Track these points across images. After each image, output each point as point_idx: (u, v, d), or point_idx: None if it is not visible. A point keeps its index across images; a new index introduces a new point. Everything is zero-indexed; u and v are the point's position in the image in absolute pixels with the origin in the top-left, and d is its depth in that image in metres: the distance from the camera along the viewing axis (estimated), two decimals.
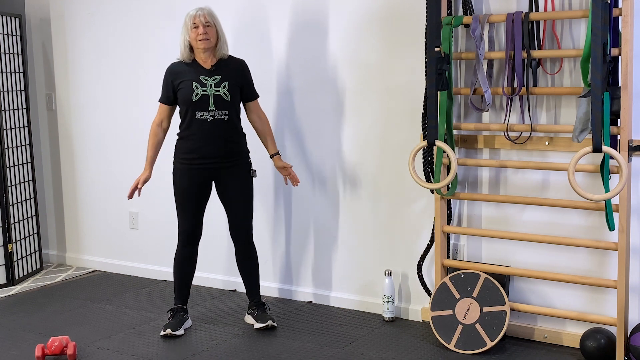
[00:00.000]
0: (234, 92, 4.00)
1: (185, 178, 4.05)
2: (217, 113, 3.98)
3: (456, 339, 3.76)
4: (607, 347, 3.53)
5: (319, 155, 4.48)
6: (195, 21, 3.93)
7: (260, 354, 3.79)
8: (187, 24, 3.97)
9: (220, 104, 3.97)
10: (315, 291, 4.57)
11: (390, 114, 4.20)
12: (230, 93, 3.98)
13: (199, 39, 3.93)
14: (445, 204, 3.99)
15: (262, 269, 4.30)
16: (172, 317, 4.13)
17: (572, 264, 3.75)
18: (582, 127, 3.44)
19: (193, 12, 3.96)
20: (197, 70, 3.99)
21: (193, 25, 3.94)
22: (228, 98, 3.97)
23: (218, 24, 4.00)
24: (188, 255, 4.15)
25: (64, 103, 5.52)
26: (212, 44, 3.97)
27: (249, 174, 4.11)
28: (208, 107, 3.97)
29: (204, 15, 3.94)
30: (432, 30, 3.74)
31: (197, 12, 3.95)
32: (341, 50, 4.32)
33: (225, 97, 3.97)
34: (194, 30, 3.94)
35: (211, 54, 4.00)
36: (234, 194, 4.08)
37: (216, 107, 3.97)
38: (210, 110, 3.97)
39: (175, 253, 4.16)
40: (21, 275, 5.24)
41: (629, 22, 3.34)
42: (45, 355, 3.73)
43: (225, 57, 4.05)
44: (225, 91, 3.96)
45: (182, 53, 4.01)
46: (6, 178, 5.09)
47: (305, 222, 4.58)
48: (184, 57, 4.02)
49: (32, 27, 5.57)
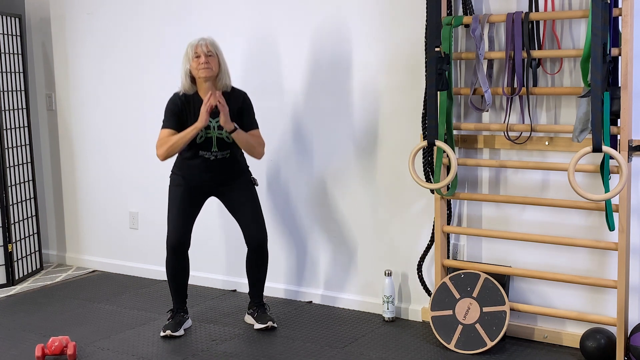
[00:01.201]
0: None
1: (181, 192, 4.05)
2: (219, 153, 3.99)
3: (456, 339, 3.76)
4: (607, 347, 3.52)
5: (319, 155, 4.48)
6: (197, 50, 3.89)
7: (260, 354, 3.79)
8: (188, 54, 3.92)
9: (222, 145, 3.97)
10: (315, 291, 4.57)
11: (390, 114, 4.20)
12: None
13: (200, 67, 3.88)
14: (445, 204, 3.99)
15: None
16: (172, 318, 4.13)
17: (572, 264, 3.75)
18: (582, 127, 3.44)
19: (195, 42, 3.92)
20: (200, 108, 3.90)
21: (195, 55, 3.89)
22: (230, 140, 3.96)
23: (220, 54, 3.96)
24: (178, 264, 4.09)
25: (64, 103, 5.52)
26: (213, 74, 3.92)
27: (251, 182, 4.12)
28: (211, 149, 3.97)
29: (206, 44, 3.90)
30: (432, 30, 3.74)
31: (199, 41, 3.91)
32: (341, 50, 4.32)
33: (228, 140, 3.95)
34: (196, 60, 3.89)
35: (212, 85, 3.96)
36: (241, 201, 4.08)
37: (219, 148, 3.98)
38: (213, 151, 3.98)
39: (165, 261, 4.11)
40: (21, 275, 5.24)
41: (629, 22, 3.34)
42: (45, 355, 3.73)
43: (228, 90, 4.00)
44: (227, 134, 3.94)
45: (184, 84, 3.95)
46: (6, 178, 5.09)
47: (305, 222, 4.58)
48: (185, 88, 3.96)
49: (32, 27, 5.57)
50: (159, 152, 3.94)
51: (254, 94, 4.17)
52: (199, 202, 4.11)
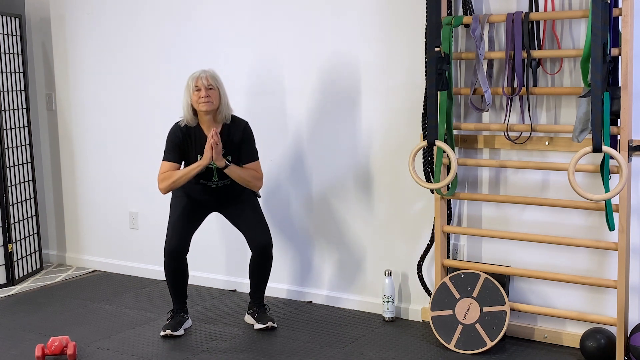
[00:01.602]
0: (237, 164, 4.01)
1: (185, 202, 4.08)
2: (220, 182, 4.03)
3: (456, 339, 3.76)
4: (607, 347, 3.52)
5: (319, 155, 4.48)
6: (197, 84, 3.90)
7: (260, 354, 3.79)
8: (189, 87, 3.93)
9: (223, 175, 3.99)
10: (315, 291, 4.57)
11: (390, 114, 4.20)
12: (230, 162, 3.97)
13: (200, 101, 3.89)
14: (445, 204, 3.99)
15: None
16: (172, 318, 4.13)
17: (572, 264, 3.75)
18: (582, 127, 3.44)
19: (196, 74, 3.93)
20: (202, 142, 3.94)
21: (195, 88, 3.91)
22: None
23: (221, 86, 3.97)
24: (176, 268, 4.09)
25: (64, 103, 5.52)
26: (214, 107, 3.93)
27: (253, 194, 4.14)
28: (212, 178, 4.01)
29: (207, 77, 3.91)
30: (432, 30, 3.74)
31: (200, 74, 3.92)
32: (341, 50, 4.32)
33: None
34: (196, 93, 3.90)
35: (213, 117, 3.97)
36: (243, 208, 4.10)
37: (219, 177, 4.01)
38: (214, 181, 4.02)
39: (164, 264, 4.10)
40: (21, 275, 5.24)
41: (629, 22, 3.34)
42: (45, 355, 3.73)
43: (228, 122, 4.01)
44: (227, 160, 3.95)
45: (186, 116, 3.98)
46: (6, 178, 5.09)
47: (305, 222, 4.58)
48: (188, 120, 3.97)
49: (32, 27, 5.57)
50: (161, 186, 3.97)
51: (253, 94, 4.18)
52: (200, 215, 4.15)
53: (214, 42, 4.74)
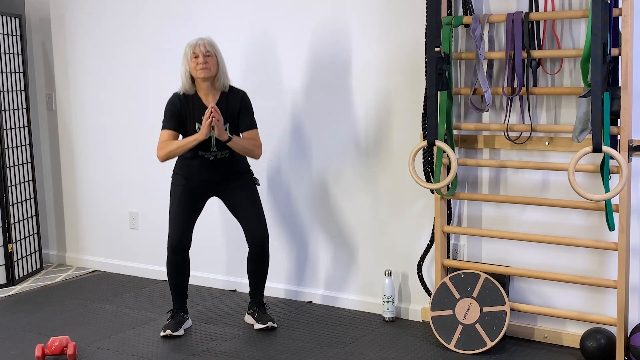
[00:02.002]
0: (235, 133, 4.00)
1: (182, 191, 4.05)
2: (219, 153, 3.99)
3: (456, 339, 3.76)
4: (607, 347, 3.52)
5: (319, 155, 4.48)
6: (195, 51, 3.90)
7: (260, 354, 3.79)
8: (187, 54, 3.93)
9: (221, 146, 3.97)
10: (315, 291, 4.57)
11: (390, 114, 4.20)
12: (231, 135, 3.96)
13: (198, 68, 3.89)
14: (445, 204, 3.99)
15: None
16: (172, 318, 4.13)
17: (572, 264, 3.75)
18: (582, 127, 3.44)
19: (193, 42, 3.93)
20: (200, 110, 3.94)
21: (193, 55, 3.90)
22: None
23: (219, 53, 3.97)
24: (179, 263, 4.10)
25: (64, 103, 5.52)
26: (212, 74, 3.93)
27: (252, 182, 4.12)
28: (210, 149, 3.97)
29: (204, 44, 3.91)
30: (432, 30, 3.74)
31: (197, 41, 3.92)
32: (341, 50, 4.32)
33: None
34: (194, 60, 3.90)
35: (211, 85, 3.97)
36: (242, 201, 4.08)
37: (218, 148, 3.98)
38: (212, 151, 3.98)
39: (166, 260, 4.11)
40: (21, 275, 5.24)
41: (629, 22, 3.34)
42: (45, 355, 3.73)
43: (227, 90, 4.01)
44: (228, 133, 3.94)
45: (184, 84, 3.97)
46: (6, 178, 5.09)
47: (305, 222, 4.58)
48: (186, 88, 3.97)
49: (32, 27, 5.57)
50: (159, 154, 3.97)
51: (253, 93, 4.17)
52: (200, 202, 4.12)
53: None
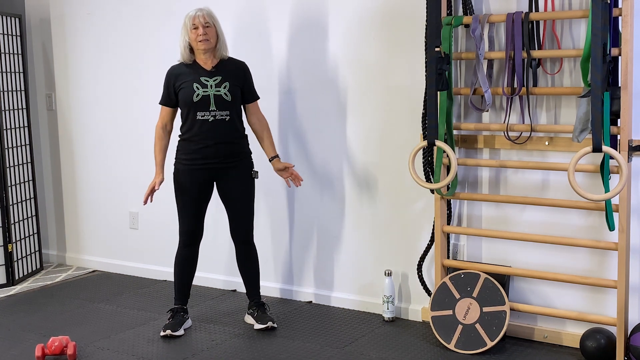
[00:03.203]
0: (234, 93, 4.01)
1: (187, 179, 4.05)
2: (218, 113, 3.98)
3: (456, 339, 3.76)
4: (607, 347, 3.53)
5: (319, 155, 4.48)
6: (194, 22, 3.94)
7: (260, 354, 3.79)
8: (186, 25, 3.97)
9: (221, 104, 3.97)
10: (315, 291, 4.57)
11: (391, 114, 4.21)
12: (231, 93, 3.98)
13: (198, 39, 3.93)
14: (445, 204, 3.99)
15: (262, 269, 4.30)
16: (172, 318, 4.13)
17: (572, 264, 3.75)
18: (582, 127, 3.44)
19: (192, 13, 3.96)
20: (198, 72, 3.99)
21: (192, 26, 3.94)
22: (229, 98, 3.98)
23: (217, 24, 4.01)
24: (189, 255, 4.15)
25: (64, 103, 5.52)
26: (211, 45, 3.97)
27: (251, 175, 4.11)
28: (209, 108, 3.97)
29: (204, 15, 3.94)
30: (432, 30, 3.74)
31: (196, 12, 3.95)
32: (341, 50, 4.32)
33: (226, 97, 3.97)
34: (194, 31, 3.94)
35: (211, 55, 4.01)
36: (235, 194, 4.09)
37: (217, 107, 3.97)
38: (212, 111, 3.97)
39: (176, 253, 4.15)
40: (21, 275, 5.24)
41: (629, 22, 3.34)
42: (45, 355, 3.73)
43: (226, 59, 4.06)
44: (225, 91, 3.97)
45: (182, 54, 4.02)
46: (6, 178, 5.09)
47: (305, 222, 4.58)
48: (184, 59, 4.03)
49: (32, 27, 5.57)
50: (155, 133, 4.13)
51: None
52: (205, 189, 4.10)
53: None
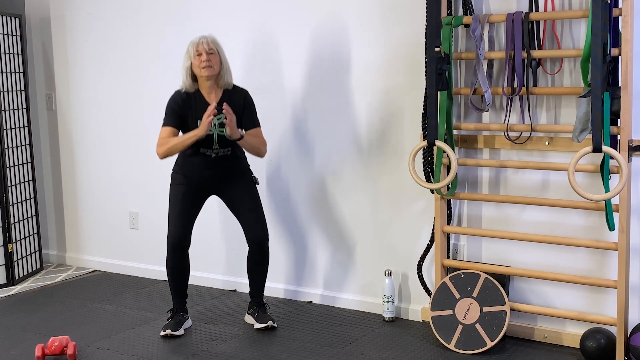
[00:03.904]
0: None
1: (182, 190, 4.04)
2: (221, 150, 3.99)
3: (456, 339, 3.76)
4: (607, 347, 3.53)
5: (319, 155, 4.48)
6: (198, 48, 3.89)
7: (260, 354, 3.79)
8: (189, 51, 3.91)
9: (223, 143, 3.96)
10: (315, 291, 4.57)
11: (390, 114, 4.20)
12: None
13: (202, 66, 3.87)
14: (445, 204, 3.99)
15: None
16: (172, 318, 4.13)
17: (572, 264, 3.75)
18: (582, 127, 3.44)
19: (196, 40, 3.91)
20: (202, 107, 3.92)
21: (196, 53, 3.89)
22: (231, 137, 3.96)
23: (221, 51, 3.96)
24: (178, 262, 4.09)
25: (64, 103, 5.52)
26: (215, 72, 3.91)
27: (252, 181, 4.11)
28: (212, 146, 3.96)
29: (207, 42, 3.90)
30: (432, 30, 3.74)
31: (200, 39, 3.91)
32: (341, 50, 4.32)
33: (229, 137, 3.93)
34: (197, 58, 3.88)
35: (214, 83, 3.96)
36: (242, 201, 4.08)
37: (220, 145, 3.97)
38: (214, 149, 3.97)
39: (166, 258, 4.10)
40: (21, 275, 5.24)
41: (629, 22, 3.34)
42: (45, 355, 3.73)
43: (230, 88, 4.00)
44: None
45: (185, 82, 3.95)
46: (6, 178, 5.09)
47: (305, 222, 4.58)
48: (186, 86, 3.95)
49: (32, 27, 5.57)
50: (158, 150, 3.96)
51: (254, 93, 4.17)
52: (199, 200, 4.11)
53: None
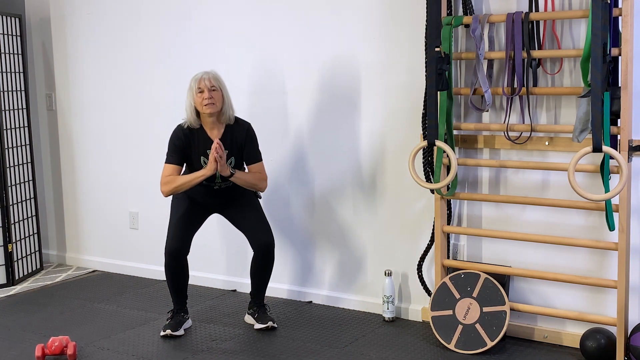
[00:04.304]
0: (239, 166, 4.04)
1: (185, 203, 4.07)
2: (223, 184, 4.03)
3: (456, 339, 3.76)
4: (607, 347, 3.53)
5: (319, 155, 4.48)
6: (200, 85, 3.90)
7: (260, 354, 3.79)
8: (192, 88, 3.93)
9: (225, 178, 3.97)
10: (315, 291, 4.57)
11: (390, 114, 4.20)
12: (237, 167, 4.01)
13: (204, 103, 3.89)
14: (445, 204, 3.99)
15: None
16: (172, 318, 4.13)
17: (572, 264, 3.75)
18: (582, 127, 3.44)
19: (199, 76, 3.92)
20: (205, 143, 3.95)
21: (198, 90, 3.90)
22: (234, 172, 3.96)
23: (224, 87, 3.97)
24: (177, 268, 4.07)
25: (64, 103, 5.52)
26: (217, 109, 3.92)
27: (254, 194, 4.14)
28: (214, 180, 3.99)
29: (209, 79, 3.91)
30: (432, 30, 3.74)
31: (202, 76, 3.92)
32: (341, 50, 4.32)
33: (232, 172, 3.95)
34: (199, 95, 3.90)
35: (217, 119, 3.97)
36: (244, 212, 4.10)
37: (222, 180, 4.00)
38: (217, 182, 4.01)
39: (164, 263, 4.08)
40: (21, 275, 5.24)
41: (629, 22, 3.34)
42: (45, 355, 3.73)
43: (232, 122, 4.01)
44: (231, 168, 3.94)
45: (189, 118, 3.97)
46: (6, 178, 5.09)
47: (305, 222, 4.58)
48: (191, 122, 3.97)
49: (32, 27, 5.57)
50: (163, 189, 3.97)
51: (253, 94, 4.18)
52: (201, 217, 4.14)
53: (214, 42, 4.74)
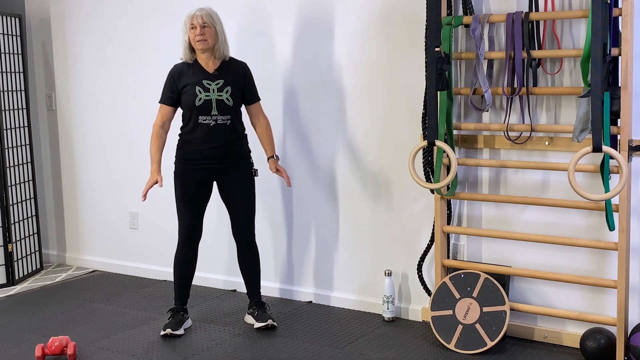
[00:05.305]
0: (236, 97, 4.01)
1: (187, 178, 4.06)
2: (220, 118, 3.99)
3: (456, 339, 3.76)
4: (607, 347, 3.53)
5: (319, 155, 4.48)
6: (193, 22, 3.94)
7: (260, 354, 3.79)
8: (185, 24, 3.98)
9: (222, 109, 3.98)
10: (315, 291, 4.57)
11: (391, 114, 4.21)
12: (233, 98, 3.99)
13: (196, 39, 3.93)
14: (445, 204, 3.99)
15: (262, 269, 4.30)
16: (172, 317, 4.13)
17: (572, 264, 3.75)
18: (582, 127, 3.44)
19: (192, 12, 3.97)
20: (200, 74, 3.99)
21: (191, 26, 3.95)
22: (230, 103, 3.97)
23: (218, 24, 3.99)
24: (188, 256, 4.14)
25: (64, 103, 5.52)
26: (209, 45, 3.96)
27: (251, 174, 4.11)
28: (211, 112, 3.97)
29: (202, 16, 3.94)
30: (432, 30, 3.74)
31: (195, 12, 3.95)
32: (342, 51, 4.32)
33: (228, 102, 3.97)
34: (192, 31, 3.95)
35: (211, 55, 4.00)
36: (236, 194, 4.09)
37: (219, 112, 3.98)
38: (213, 115, 3.98)
39: (175, 253, 4.15)
40: (21, 275, 5.24)
41: (629, 22, 3.34)
42: (45, 355, 3.73)
43: (227, 59, 4.05)
44: (227, 96, 3.96)
45: (184, 53, 4.03)
46: (6, 178, 5.09)
47: (305, 222, 4.58)
48: (186, 58, 4.03)
49: (32, 27, 5.57)
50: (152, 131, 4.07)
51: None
52: (204, 189, 4.10)
53: None
